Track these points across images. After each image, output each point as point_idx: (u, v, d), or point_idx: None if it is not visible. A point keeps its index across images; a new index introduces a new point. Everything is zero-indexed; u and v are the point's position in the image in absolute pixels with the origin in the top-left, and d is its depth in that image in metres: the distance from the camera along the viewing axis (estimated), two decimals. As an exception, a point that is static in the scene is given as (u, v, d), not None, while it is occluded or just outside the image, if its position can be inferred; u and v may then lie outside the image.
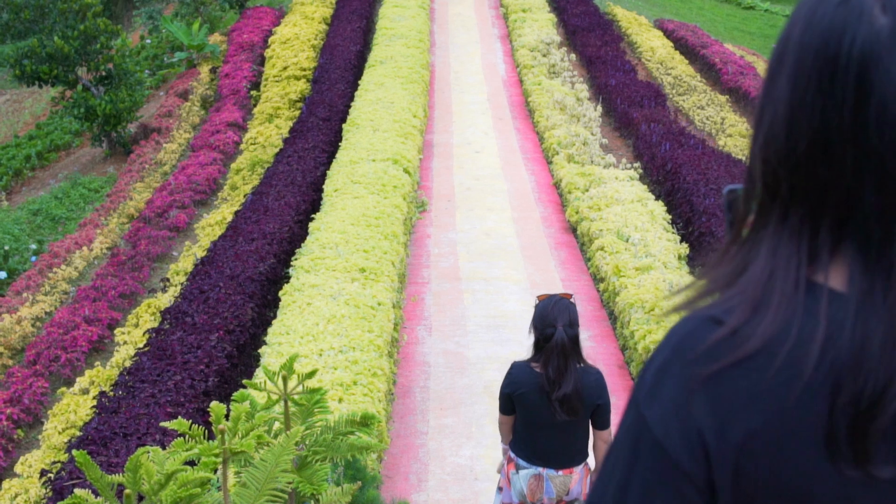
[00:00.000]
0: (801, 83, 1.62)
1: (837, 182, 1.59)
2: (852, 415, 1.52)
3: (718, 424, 1.60)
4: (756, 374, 1.58)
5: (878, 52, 1.54)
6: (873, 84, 1.54)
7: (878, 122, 1.53)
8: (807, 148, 1.61)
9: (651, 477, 1.66)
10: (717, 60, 30.00)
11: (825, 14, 1.60)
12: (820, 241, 1.63)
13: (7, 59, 27.94)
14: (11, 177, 30.29)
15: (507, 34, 33.21)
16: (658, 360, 1.71)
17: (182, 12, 38.83)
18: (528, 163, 21.82)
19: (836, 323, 1.56)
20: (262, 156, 22.82)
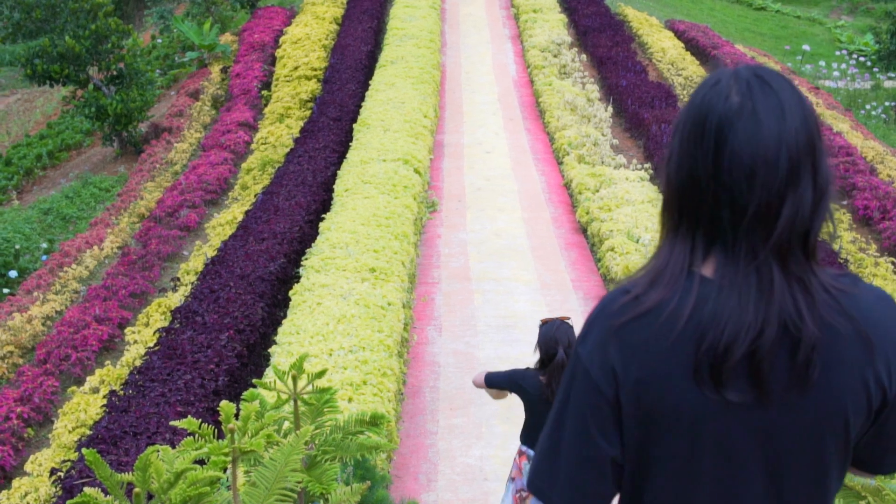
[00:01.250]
0: (685, 140, 2.49)
1: (706, 206, 2.44)
2: (712, 357, 2.37)
3: (624, 361, 2.47)
4: (648, 327, 2.45)
5: (731, 118, 2.40)
6: (727, 139, 2.39)
7: (729, 165, 2.39)
8: (688, 181, 2.47)
9: (581, 393, 2.55)
10: (727, 61, 29.91)
11: (703, 94, 2.48)
12: (697, 245, 2.48)
13: (18, 59, 28.00)
14: (22, 176, 30.33)
15: (517, 34, 33.19)
16: (590, 316, 2.59)
17: (193, 12, 38.84)
18: (538, 163, 21.81)
19: (704, 297, 2.41)
20: (273, 155, 22.84)
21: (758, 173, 2.37)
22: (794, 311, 2.36)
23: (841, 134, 23.99)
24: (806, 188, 2.41)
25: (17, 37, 28.43)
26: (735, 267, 2.40)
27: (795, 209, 2.39)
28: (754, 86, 2.44)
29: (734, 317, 2.35)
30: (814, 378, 2.38)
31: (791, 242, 2.41)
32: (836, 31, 48.86)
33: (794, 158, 2.38)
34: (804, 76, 36.43)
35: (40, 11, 27.66)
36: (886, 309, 2.50)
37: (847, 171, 21.30)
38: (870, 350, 2.42)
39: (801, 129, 2.41)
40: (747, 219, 2.38)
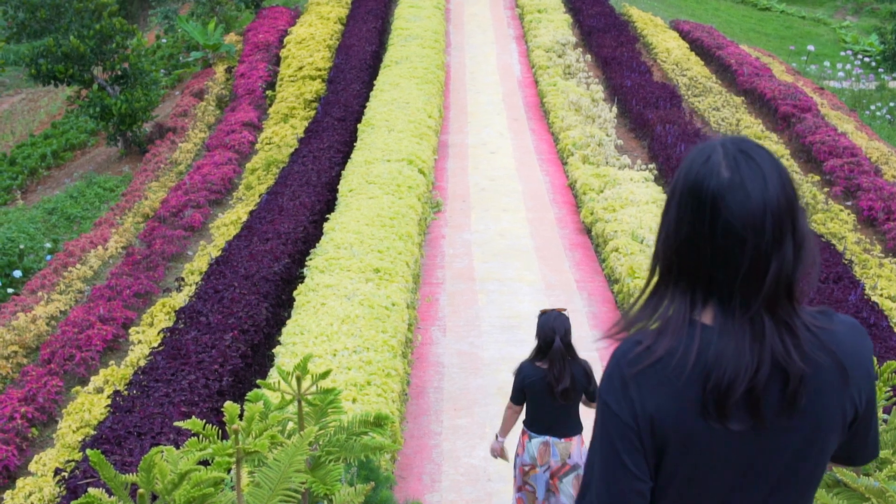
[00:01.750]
0: (682, 207, 2.85)
1: (703, 265, 2.82)
2: (716, 395, 2.77)
3: (641, 401, 2.87)
4: (661, 371, 2.84)
5: (723, 192, 2.77)
6: (720, 210, 2.76)
7: (724, 232, 2.76)
8: (685, 244, 2.84)
9: (613, 430, 2.92)
10: (732, 62, 29.94)
11: (695, 169, 2.84)
12: (696, 298, 2.87)
13: (23, 59, 27.98)
14: (27, 175, 30.36)
15: (522, 35, 33.19)
16: (609, 367, 2.98)
17: (198, 12, 38.82)
18: (542, 163, 21.81)
19: (706, 343, 2.81)
20: (278, 155, 22.83)
21: (748, 239, 2.77)
22: (784, 351, 2.80)
23: (846, 135, 23.96)
24: (788, 246, 2.80)
25: (22, 36, 28.44)
26: (731, 317, 2.81)
27: (780, 266, 2.79)
28: (740, 160, 2.84)
29: (734, 360, 2.78)
30: (801, 405, 2.84)
31: (778, 293, 2.81)
32: (841, 31, 48.84)
33: (777, 222, 2.79)
34: (809, 76, 36.43)
35: (45, 11, 27.68)
36: (857, 338, 2.96)
37: (852, 172, 21.29)
38: (845, 377, 2.90)
39: (781, 194, 2.81)
40: (740, 277, 2.79)
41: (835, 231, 18.91)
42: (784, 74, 32.34)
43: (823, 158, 22.26)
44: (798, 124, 24.36)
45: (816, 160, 22.53)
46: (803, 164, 22.81)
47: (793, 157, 23.05)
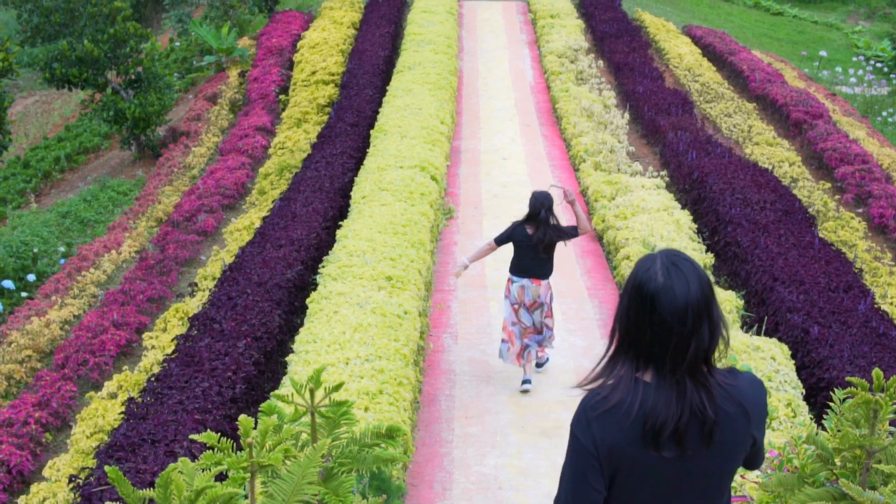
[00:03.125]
0: (631, 301, 4.03)
1: (644, 342, 3.99)
2: (653, 433, 3.90)
3: (601, 435, 3.99)
4: (614, 415, 3.98)
5: (658, 293, 3.94)
6: (656, 306, 3.92)
7: (658, 321, 3.93)
8: (633, 327, 4.02)
9: (579, 454, 4.05)
10: (744, 68, 29.94)
11: (640, 275, 4.02)
12: (640, 363, 4.03)
13: (37, 62, 28.07)
14: (41, 179, 30.47)
15: (535, 40, 33.24)
16: (578, 410, 4.10)
17: (211, 15, 38.90)
18: (554, 170, 21.86)
19: (646, 395, 3.95)
20: (291, 160, 22.90)
21: (675, 327, 3.94)
22: (700, 404, 3.97)
23: (857, 141, 23.97)
24: (704, 331, 3.99)
25: (36, 40, 28.52)
26: (664, 378, 3.98)
27: (698, 345, 3.97)
28: (671, 270, 4.01)
29: (665, 409, 3.94)
30: (715, 440, 4.01)
31: (696, 363, 3.99)
32: (854, 36, 48.77)
33: (696, 315, 3.96)
34: (821, 82, 36.44)
35: (59, 15, 27.77)
36: (756, 389, 4.19)
37: (863, 179, 21.31)
38: (747, 418, 4.10)
39: (700, 295, 3.98)
40: (669, 352, 3.95)
41: (845, 239, 18.92)
42: (796, 80, 32.35)
43: (835, 165, 22.28)
44: (809, 131, 24.37)
45: (828, 167, 22.54)
46: (814, 171, 22.83)
47: (804, 163, 23.06)
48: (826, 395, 11.47)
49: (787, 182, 21.16)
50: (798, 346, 13.08)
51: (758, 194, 18.19)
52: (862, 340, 12.97)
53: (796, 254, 15.67)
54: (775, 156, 22.67)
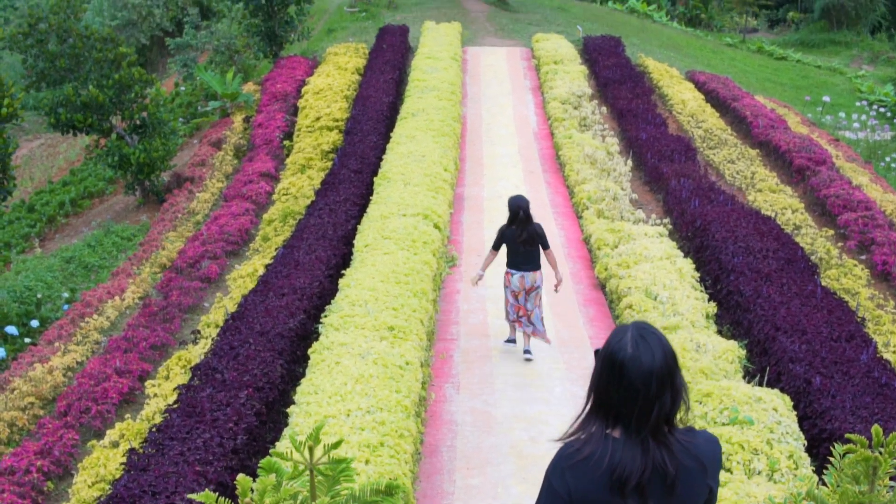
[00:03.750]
0: (604, 368, 4.60)
1: (614, 404, 4.55)
2: (619, 483, 4.46)
3: (573, 484, 4.54)
4: (585, 466, 4.53)
5: (627, 362, 4.52)
6: (625, 373, 4.51)
7: (627, 386, 4.51)
8: (604, 390, 4.58)
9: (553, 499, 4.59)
10: (747, 114, 30.01)
11: (613, 344, 4.61)
12: (609, 421, 4.59)
13: (42, 106, 28.20)
14: (45, 223, 30.57)
15: (538, 86, 33.33)
16: (553, 460, 4.64)
17: (216, 60, 39.13)
18: (557, 217, 21.88)
19: (615, 450, 4.50)
20: (294, 207, 22.94)
21: (640, 391, 4.50)
22: (661, 460, 4.50)
23: (860, 187, 24.00)
24: (667, 396, 4.54)
25: (42, 85, 28.64)
26: (630, 436, 4.53)
27: (661, 408, 4.52)
28: (640, 341, 4.58)
29: (630, 463, 4.47)
30: (677, 491, 4.55)
31: (659, 424, 4.54)
32: (857, 80, 48.91)
33: (659, 382, 4.51)
34: (824, 128, 36.50)
35: (64, 60, 27.90)
36: (711, 446, 4.72)
37: (866, 226, 21.32)
38: (704, 471, 4.64)
39: (664, 364, 4.54)
40: (636, 414, 4.51)
41: (848, 287, 18.91)
42: (799, 126, 32.43)
43: (838, 212, 22.31)
44: (813, 177, 24.42)
45: (831, 214, 22.56)
46: (817, 218, 22.85)
47: (807, 210, 23.09)
48: (828, 446, 11.44)
49: (790, 229, 21.18)
50: (800, 396, 13.06)
51: (760, 242, 18.20)
52: (864, 391, 12.94)
53: (799, 303, 15.66)
54: (778, 203, 22.71)
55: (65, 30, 28.10)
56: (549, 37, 38.49)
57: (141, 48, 51.37)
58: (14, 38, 28.24)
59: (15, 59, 43.83)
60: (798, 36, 63.05)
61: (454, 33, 37.89)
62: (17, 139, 30.58)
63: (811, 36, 61.80)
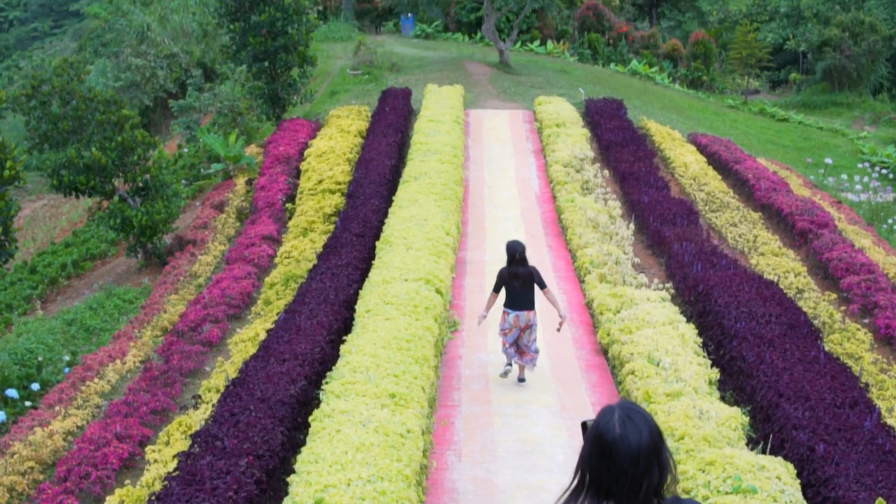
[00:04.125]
0: (593, 447, 4.96)
1: (603, 480, 4.91)
2: None
3: None
4: None
5: (615, 442, 4.88)
6: (613, 452, 4.87)
7: (615, 464, 4.87)
8: (594, 468, 4.95)
9: None
10: (750, 176, 30.05)
11: (601, 425, 4.96)
12: (601, 497, 4.92)
13: (45, 167, 28.25)
14: (47, 285, 30.55)
15: (541, 149, 33.37)
16: None
17: (219, 122, 39.28)
18: (560, 281, 21.86)
19: None
20: (296, 270, 22.93)
21: (629, 469, 4.84)
22: None
23: (863, 250, 23.99)
24: (654, 472, 4.89)
25: (44, 147, 28.69)
26: None
27: (649, 484, 4.87)
28: (627, 422, 4.91)
29: None
30: None
31: (648, 497, 4.89)
32: (859, 142, 49.04)
33: (647, 460, 4.86)
34: (826, 190, 36.52)
35: (67, 122, 27.98)
36: None
37: (869, 290, 21.29)
38: None
39: (650, 442, 4.89)
40: (625, 490, 4.85)
41: (851, 351, 18.85)
42: (801, 188, 32.48)
43: (840, 276, 22.29)
44: (815, 240, 24.41)
45: (833, 277, 22.55)
46: (820, 282, 22.83)
47: (810, 273, 23.07)
48: (832, 516, 11.38)
49: (793, 293, 21.17)
50: (804, 463, 12.99)
51: (763, 307, 18.17)
52: (868, 458, 12.87)
53: (802, 369, 15.61)
54: (781, 266, 22.70)
55: (68, 92, 28.21)
56: (551, 99, 38.59)
57: (144, 109, 51.61)
58: (17, 99, 28.36)
59: (18, 119, 43.99)
60: (800, 97, 63.31)
61: (457, 96, 38.02)
62: (20, 200, 30.66)
63: (813, 97, 62.05)
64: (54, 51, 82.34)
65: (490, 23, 48.98)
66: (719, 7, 78.12)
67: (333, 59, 52.70)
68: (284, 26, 35.65)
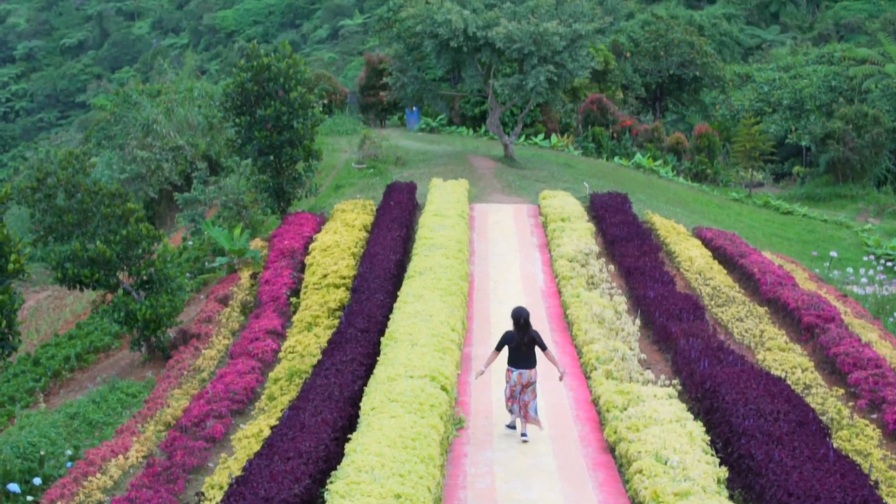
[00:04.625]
0: None
1: None
2: None
3: None
4: None
5: None
6: None
7: None
8: None
9: None
10: (755, 270, 30.02)
11: None
12: None
13: (49, 260, 28.22)
14: (50, 378, 30.45)
15: (546, 243, 33.39)
16: None
17: (224, 215, 39.31)
18: (565, 377, 21.72)
19: None
20: (301, 366, 22.84)
21: None
22: None
23: (869, 345, 23.89)
24: None
25: (49, 240, 28.69)
26: None
27: None
28: None
29: None
30: None
31: None
32: (864, 234, 49.05)
33: None
34: (832, 283, 36.47)
35: (72, 215, 28.00)
36: None
37: (876, 385, 21.18)
38: None
39: None
40: None
41: (860, 448, 18.71)
42: (807, 282, 32.42)
43: (848, 370, 22.19)
44: (822, 335, 24.33)
45: (841, 372, 22.44)
46: (827, 377, 22.72)
47: (817, 368, 22.97)
48: None
49: (801, 389, 21.07)
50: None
51: (771, 404, 18.07)
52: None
53: (811, 467, 15.49)
54: (788, 361, 22.61)
55: (73, 185, 28.26)
56: (555, 194, 38.71)
57: (149, 202, 51.73)
58: (22, 191, 28.40)
59: (23, 211, 44.10)
60: (804, 190, 63.52)
61: (461, 190, 38.13)
62: (24, 292, 30.66)
63: (817, 190, 62.24)
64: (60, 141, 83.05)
65: (494, 117, 49.24)
66: (722, 101, 78.62)
67: (338, 153, 52.94)
68: (290, 120, 35.85)
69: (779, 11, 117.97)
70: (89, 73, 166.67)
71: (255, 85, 35.75)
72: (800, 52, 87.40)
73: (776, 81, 79.00)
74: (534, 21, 44.86)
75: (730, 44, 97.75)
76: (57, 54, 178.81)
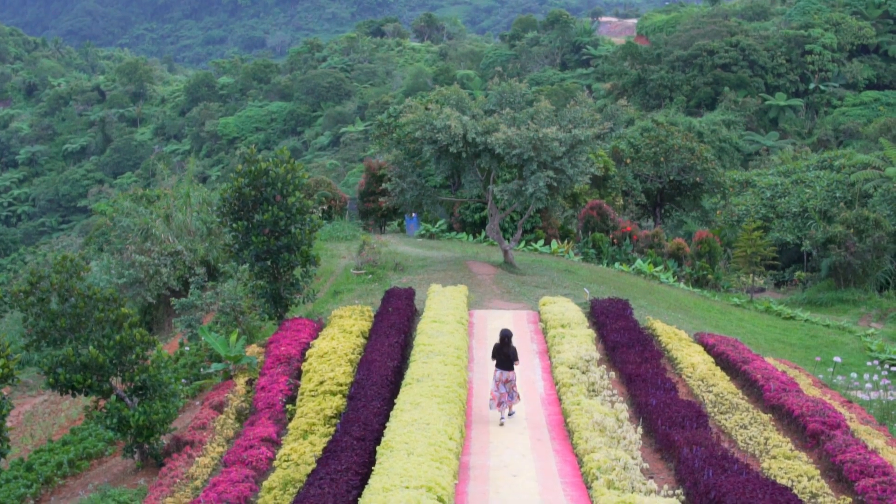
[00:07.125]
0: None
1: None
2: None
3: None
4: None
5: None
6: None
7: None
8: None
9: None
10: (759, 377, 29.72)
11: None
12: None
13: (42, 366, 27.90)
14: (42, 484, 30.02)
15: (545, 350, 33.16)
16: None
17: (221, 320, 39.07)
18: (566, 487, 21.40)
19: None
20: (295, 474, 22.50)
21: None
22: None
23: (876, 451, 23.58)
24: None
25: (41, 344, 28.39)
26: None
27: None
28: None
29: None
30: None
31: None
32: (867, 339, 48.80)
33: None
34: (836, 389, 36.11)
35: (65, 320, 27.73)
36: None
37: (884, 492, 20.88)
38: None
39: None
40: None
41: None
42: (811, 388, 32.08)
43: (855, 478, 21.84)
44: (827, 442, 24.00)
45: (847, 480, 22.10)
46: (834, 485, 22.35)
47: (823, 476, 22.62)
48: None
49: (807, 498, 20.77)
50: None
51: (778, 516, 17.68)
52: None
53: (821, 581, 15.07)
54: (794, 469, 22.27)
55: (67, 289, 28.03)
56: (556, 300, 38.58)
57: (147, 307, 51.64)
58: (15, 295, 28.17)
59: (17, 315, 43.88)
60: (805, 295, 63.43)
61: (460, 296, 37.99)
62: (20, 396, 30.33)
63: (819, 294, 62.13)
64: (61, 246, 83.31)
65: (494, 223, 49.20)
66: (722, 206, 78.77)
67: (337, 259, 52.90)
68: (287, 226, 35.70)
69: (777, 117, 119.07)
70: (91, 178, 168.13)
71: (253, 190, 35.64)
72: (800, 157, 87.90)
73: (778, 187, 79.25)
74: (533, 127, 44.97)
75: (729, 149, 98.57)
76: (59, 159, 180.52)
